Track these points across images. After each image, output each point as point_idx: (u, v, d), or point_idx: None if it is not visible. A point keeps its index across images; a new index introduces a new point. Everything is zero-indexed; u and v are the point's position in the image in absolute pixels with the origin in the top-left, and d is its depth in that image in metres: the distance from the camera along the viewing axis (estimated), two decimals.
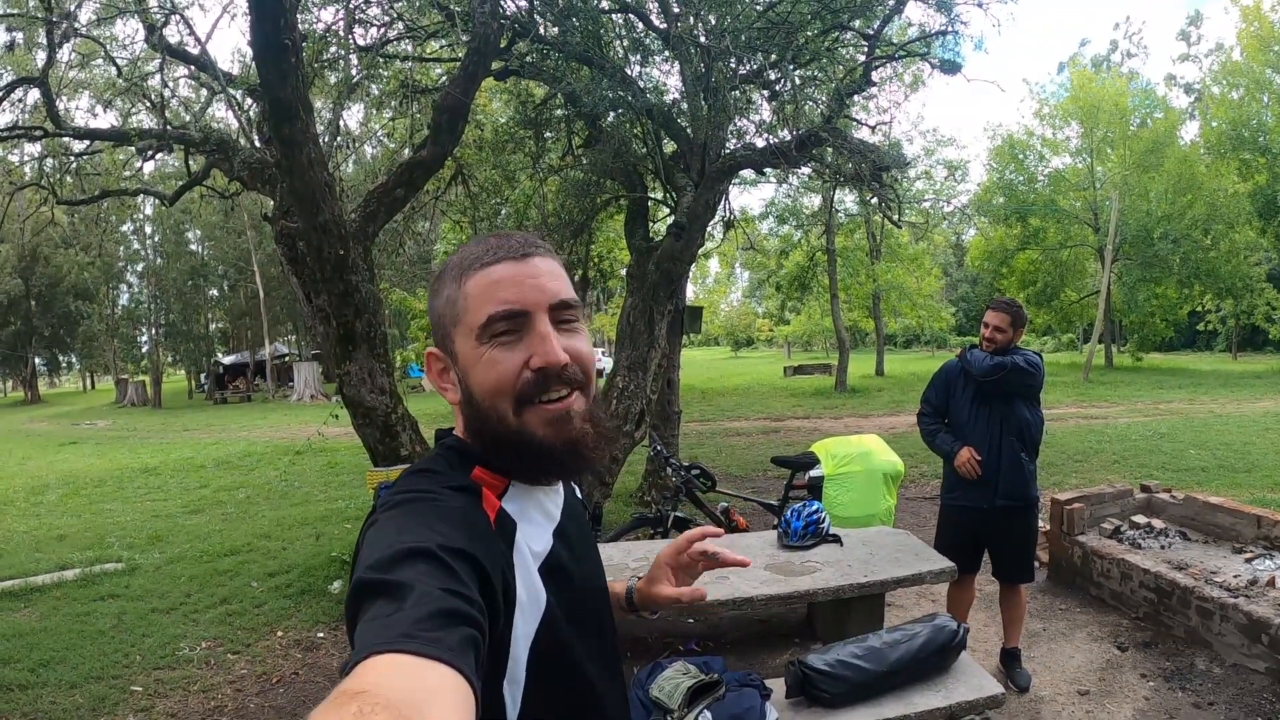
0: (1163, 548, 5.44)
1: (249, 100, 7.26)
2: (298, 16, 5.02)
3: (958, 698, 3.16)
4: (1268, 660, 4.02)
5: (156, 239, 35.33)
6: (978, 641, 4.57)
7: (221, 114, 9.84)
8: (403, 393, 6.44)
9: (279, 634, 5.19)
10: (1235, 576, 4.68)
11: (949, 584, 4.28)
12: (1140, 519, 5.87)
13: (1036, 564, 4.60)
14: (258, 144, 7.04)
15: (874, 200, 8.53)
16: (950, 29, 7.01)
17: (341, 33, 6.79)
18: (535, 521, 1.03)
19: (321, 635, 5.16)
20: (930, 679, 3.27)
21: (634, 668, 3.36)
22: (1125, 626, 4.83)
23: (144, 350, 37.58)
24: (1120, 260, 27.30)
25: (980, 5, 6.78)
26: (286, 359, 38.02)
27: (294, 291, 6.86)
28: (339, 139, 8.18)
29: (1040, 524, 4.98)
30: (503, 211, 9.72)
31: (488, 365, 0.98)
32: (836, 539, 4.51)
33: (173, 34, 7.04)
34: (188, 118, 8.07)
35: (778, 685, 3.21)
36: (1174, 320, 31.24)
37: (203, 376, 39.19)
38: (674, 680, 3.00)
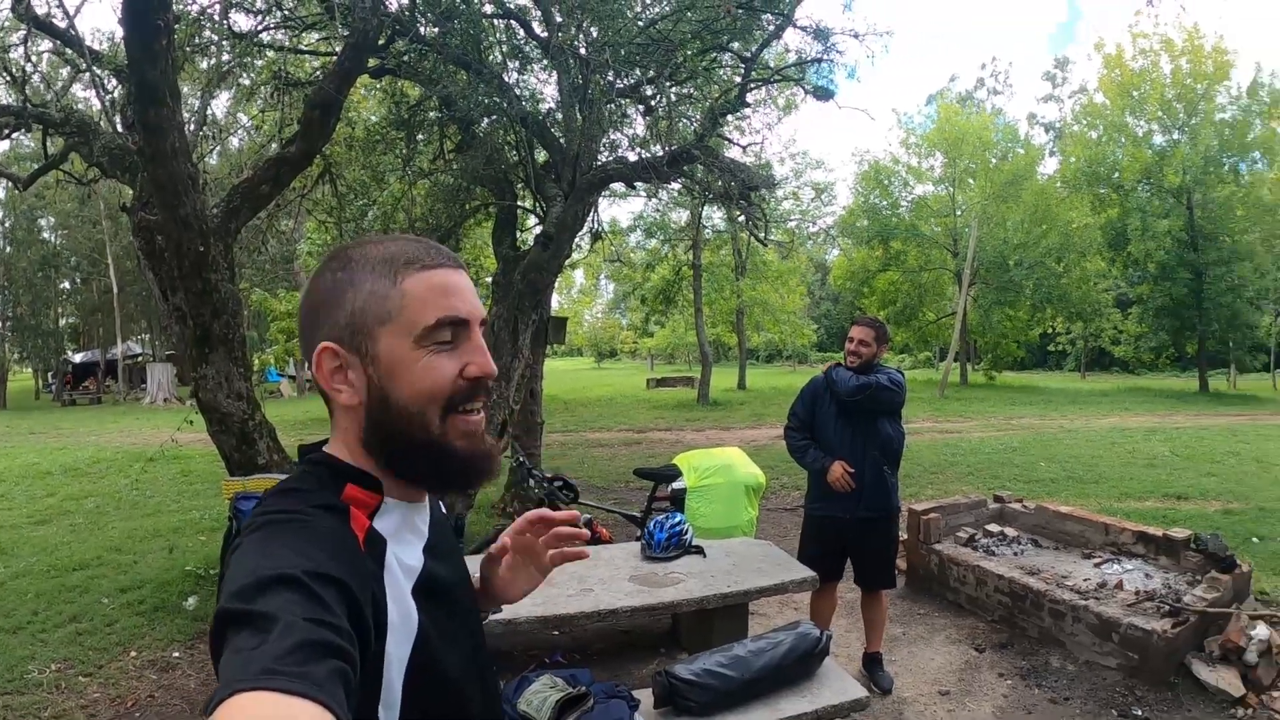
0: (1015, 554, 5.73)
1: (114, 81, 6.85)
2: None
3: (823, 702, 3.23)
4: (1118, 657, 4.29)
5: (7, 224, 32.90)
6: (841, 647, 4.70)
7: (85, 94, 9.28)
8: (261, 398, 6.19)
9: (133, 654, 4.88)
10: (1085, 580, 4.99)
11: (812, 592, 4.39)
12: (994, 527, 6.16)
13: (896, 571, 4.77)
14: (120, 129, 6.65)
15: (741, 218, 8.70)
16: (825, 57, 7.25)
17: (217, 17, 6.49)
18: (406, 540, 0.99)
19: (177, 655, 4.88)
20: (796, 685, 3.33)
21: (500, 682, 3.31)
22: (982, 629, 5.06)
23: None
24: (977, 284, 28.84)
25: (856, 36, 7.04)
26: (140, 359, 36.00)
27: (150, 288, 6.50)
28: (205, 129, 7.83)
29: (899, 533, 5.16)
30: (370, 213, 9.47)
31: (425, 370, 0.95)
32: (699, 550, 4.55)
33: (40, 3, 6.59)
34: (49, 96, 7.58)
35: (645, 696, 3.21)
36: (1025, 341, 33.16)
37: (50, 375, 36.75)
38: (541, 694, 2.97)
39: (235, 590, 0.74)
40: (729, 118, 8.25)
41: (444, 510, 1.19)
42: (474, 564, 1.30)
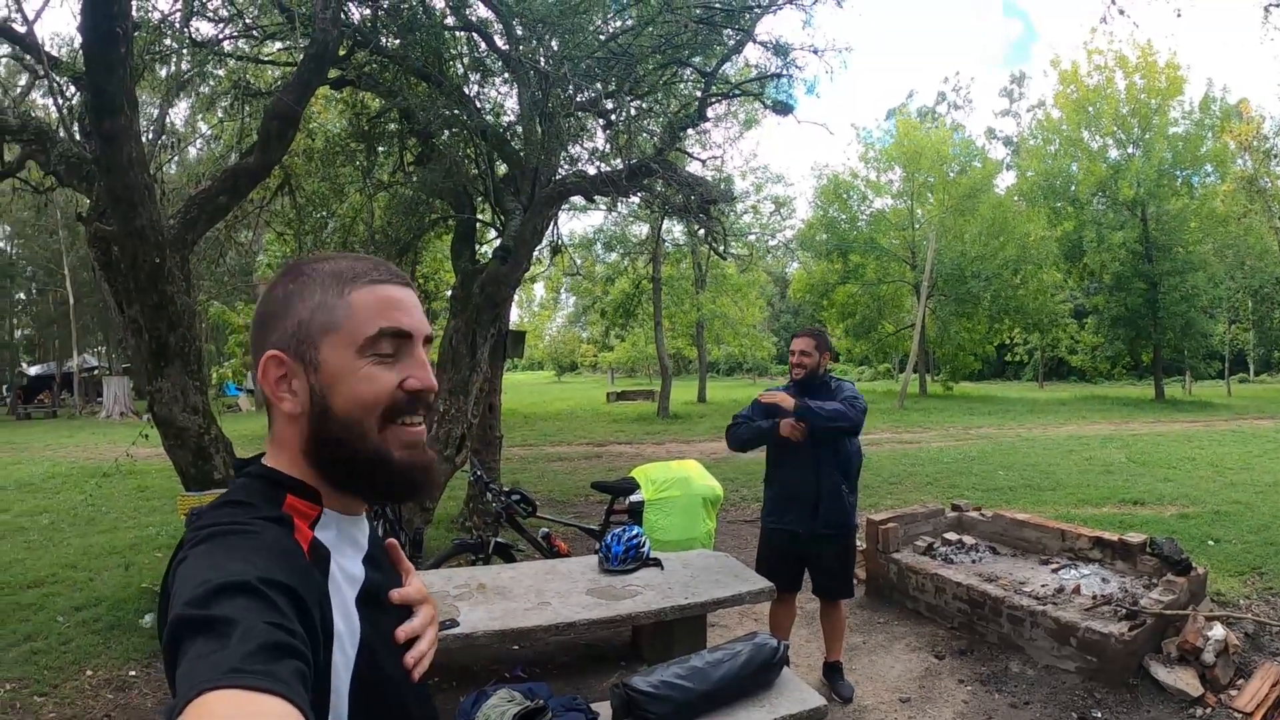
0: (974, 562, 5.80)
1: (73, 88, 6.76)
2: (132, 4, 4.73)
3: (782, 711, 3.26)
4: (1077, 660, 4.36)
5: None
6: (800, 657, 4.72)
7: (43, 101, 9.14)
8: (218, 413, 6.11)
9: (88, 673, 4.79)
10: (1043, 586, 5.06)
11: (771, 603, 4.41)
12: (952, 536, 6.24)
13: (855, 580, 4.81)
14: (78, 137, 6.56)
15: (701, 232, 8.75)
16: (785, 72, 7.31)
17: (177, 24, 6.42)
18: (346, 551, 1.00)
19: (134, 673, 4.80)
20: (755, 695, 3.36)
21: (459, 696, 3.30)
22: (942, 636, 5.11)
23: None
24: (935, 296, 29.21)
25: (815, 52, 7.11)
26: (96, 372, 35.36)
27: (105, 299, 6.41)
28: (163, 138, 7.74)
29: (858, 543, 5.21)
30: (329, 225, 9.42)
31: (365, 379, 0.97)
32: (657, 562, 4.57)
33: None
34: (6, 102, 7.46)
35: (603, 709, 3.22)
36: (982, 355, 33.59)
37: (5, 388, 35.96)
38: (499, 708, 2.97)
39: (189, 599, 0.74)
40: (689, 132, 8.31)
41: (399, 526, 1.20)
42: (430, 577, 1.30)
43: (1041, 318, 30.68)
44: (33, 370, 35.85)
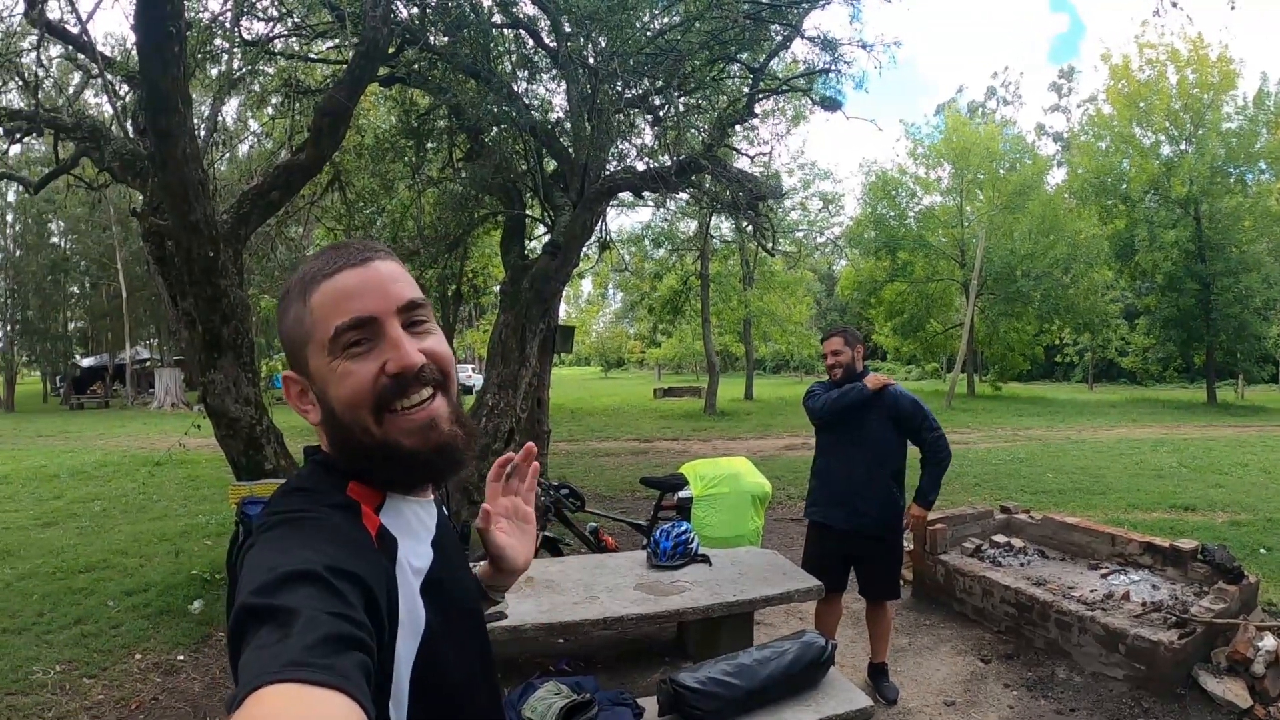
0: (1022, 565, 5.72)
1: (126, 87, 6.90)
2: (184, 4, 4.82)
3: (828, 711, 3.23)
4: (1125, 668, 4.26)
5: (17, 229, 33.01)
6: (846, 657, 4.68)
7: (96, 100, 9.33)
8: (269, 404, 6.20)
9: (137, 656, 4.89)
10: (1091, 591, 4.97)
11: (817, 602, 4.38)
12: (1000, 538, 6.15)
13: (902, 582, 4.76)
14: (131, 134, 6.69)
15: (749, 228, 8.71)
16: (833, 68, 7.25)
17: (228, 25, 6.53)
18: (415, 535, 1.00)
19: (182, 658, 4.89)
20: (800, 694, 3.33)
21: (506, 689, 3.31)
22: (988, 640, 5.03)
23: None
24: (984, 294, 28.80)
25: (864, 47, 7.04)
26: (148, 364, 36.11)
27: (159, 293, 6.52)
28: (216, 135, 7.87)
29: (905, 544, 5.15)
30: (379, 221, 9.51)
31: (342, 378, 0.95)
32: (705, 559, 4.55)
33: (53, 9, 6.63)
34: (61, 101, 7.62)
35: (650, 704, 3.22)
36: (1030, 356, 33.07)
37: (59, 379, 36.84)
38: (546, 700, 2.98)
39: (255, 586, 0.74)
40: (737, 128, 8.27)
41: (446, 514, 1.19)
42: (478, 569, 1.29)
43: (1092, 318, 30.10)
44: (86, 362, 36.66)
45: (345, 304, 0.96)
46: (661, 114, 7.58)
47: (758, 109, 8.00)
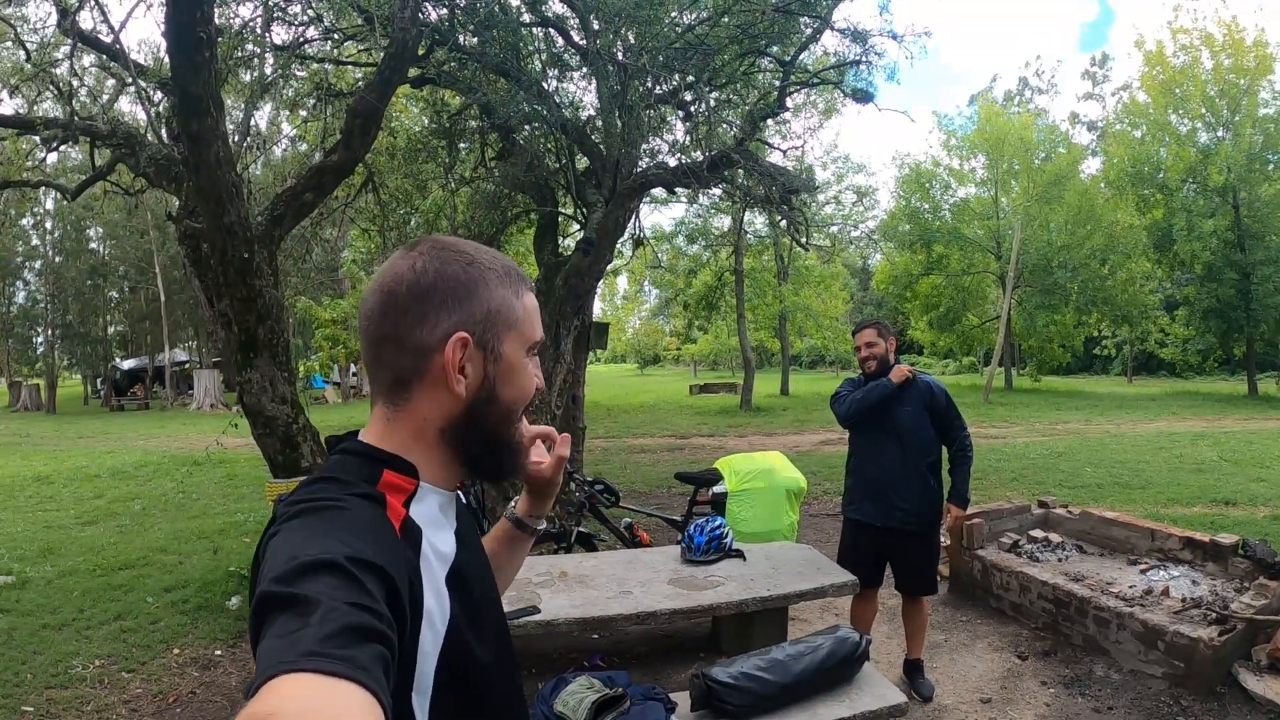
0: (1060, 560, 5.63)
1: (159, 94, 7.01)
2: (214, 10, 4.88)
3: (862, 707, 3.21)
4: (1164, 665, 4.20)
5: (56, 235, 33.67)
6: (881, 653, 4.65)
7: (130, 107, 9.46)
8: (306, 404, 6.28)
9: (175, 651, 4.99)
10: (1130, 587, 4.89)
11: (852, 597, 4.35)
12: (1038, 533, 6.07)
13: (938, 577, 4.72)
14: (165, 140, 6.79)
15: (783, 223, 8.67)
16: (864, 59, 7.18)
17: (258, 29, 6.61)
18: (440, 525, 1.01)
19: (219, 653, 4.98)
20: (834, 690, 3.32)
21: (538, 683, 3.33)
22: (1025, 636, 4.98)
23: (39, 352, 35.66)
24: (1020, 287, 28.40)
25: (894, 37, 6.96)
26: (186, 366, 36.70)
27: (196, 295, 6.63)
28: (249, 139, 7.96)
29: (941, 539, 5.11)
30: (412, 221, 9.58)
31: (529, 377, 1.09)
32: (740, 554, 4.55)
33: (85, 20, 6.75)
34: (95, 108, 7.75)
35: (682, 699, 3.22)
36: (1070, 347, 32.56)
37: (99, 381, 37.53)
38: (578, 694, 2.98)
39: (276, 575, 0.74)
40: (768, 122, 8.23)
41: (482, 513, 1.25)
42: None
43: (1130, 309, 29.46)
44: (125, 364, 37.30)
45: (537, 320, 1.12)
46: (692, 109, 7.56)
47: (789, 102, 7.95)
